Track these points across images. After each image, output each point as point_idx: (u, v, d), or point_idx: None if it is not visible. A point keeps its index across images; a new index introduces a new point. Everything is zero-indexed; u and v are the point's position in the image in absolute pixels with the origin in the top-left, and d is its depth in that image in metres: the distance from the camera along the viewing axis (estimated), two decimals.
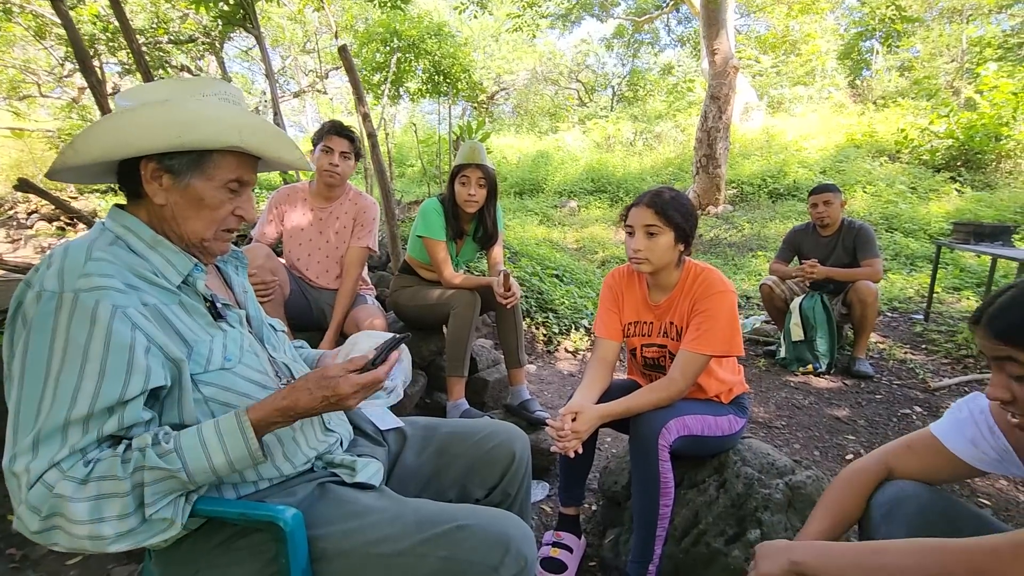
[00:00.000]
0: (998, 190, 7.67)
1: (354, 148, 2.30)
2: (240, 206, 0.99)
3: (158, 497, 0.80)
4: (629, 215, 1.63)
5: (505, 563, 0.91)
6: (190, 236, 0.96)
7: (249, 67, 18.21)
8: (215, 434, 0.84)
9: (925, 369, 3.41)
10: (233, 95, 0.99)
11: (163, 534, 0.81)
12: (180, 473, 0.80)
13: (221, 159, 0.94)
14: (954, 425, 1.06)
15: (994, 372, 0.85)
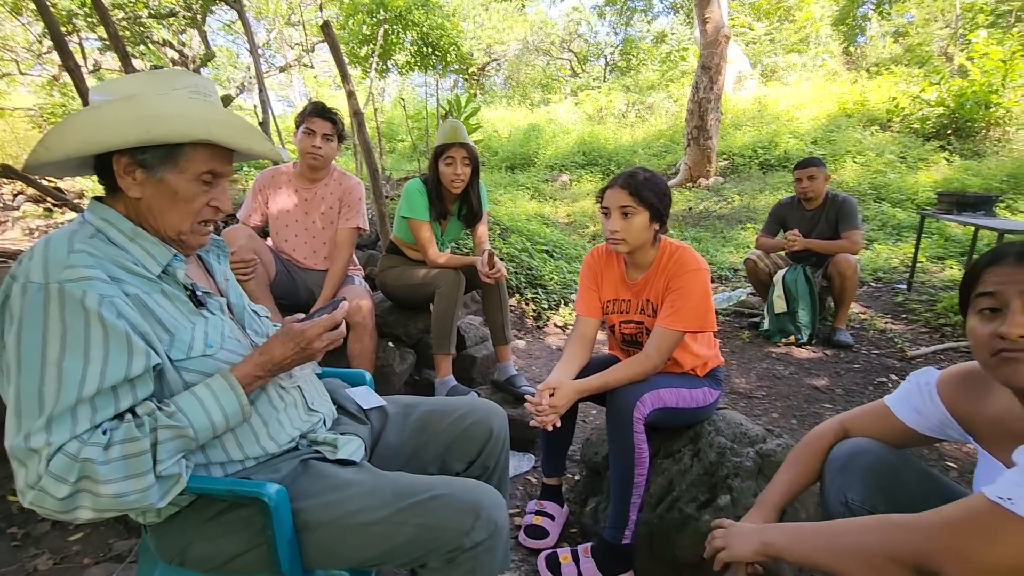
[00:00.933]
0: (986, 158, 7.69)
1: (336, 130, 2.30)
2: (215, 198, 1.02)
3: (168, 454, 0.86)
4: (604, 197, 1.67)
5: (476, 527, 0.98)
6: (167, 230, 0.99)
7: (234, 41, 17.81)
8: (209, 393, 0.92)
9: (903, 338, 3.50)
10: (203, 88, 1.01)
11: (172, 491, 0.88)
12: (188, 430, 0.88)
13: (193, 152, 0.96)
14: (903, 396, 1.14)
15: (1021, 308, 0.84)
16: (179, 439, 0.87)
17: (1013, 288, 0.84)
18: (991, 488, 0.76)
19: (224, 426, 0.94)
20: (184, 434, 0.88)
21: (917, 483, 1.07)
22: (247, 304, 1.19)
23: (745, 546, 1.00)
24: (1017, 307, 0.83)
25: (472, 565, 0.99)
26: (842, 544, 0.86)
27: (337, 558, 1.00)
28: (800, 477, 1.19)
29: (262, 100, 5.89)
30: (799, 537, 0.93)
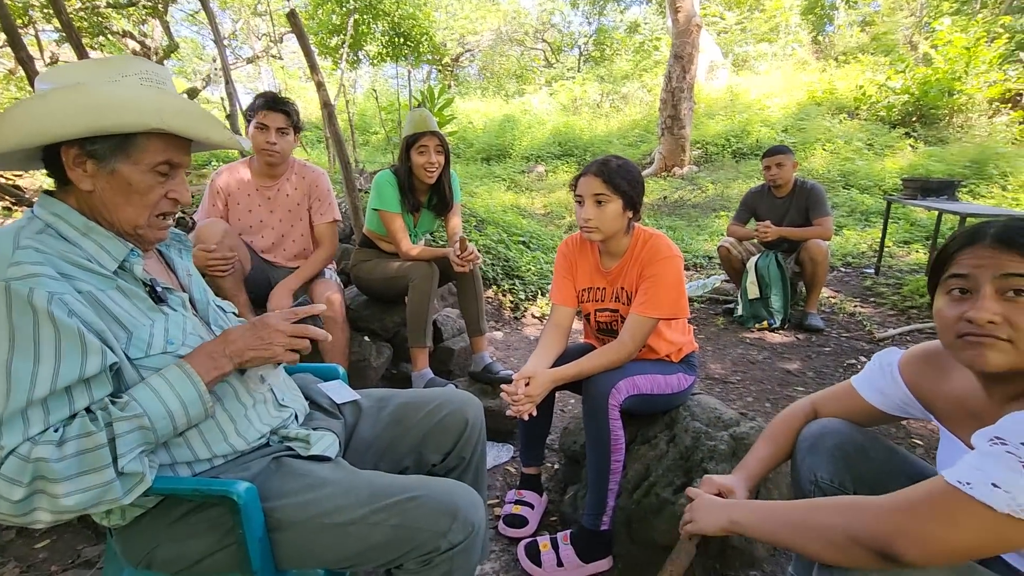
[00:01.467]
0: (949, 145, 7.91)
1: (291, 122, 2.19)
2: (173, 189, 0.98)
3: (129, 448, 0.82)
4: (578, 185, 1.66)
5: (453, 529, 0.97)
6: (123, 223, 0.95)
7: (199, 31, 17.32)
8: (163, 382, 0.89)
9: (872, 321, 3.59)
10: (156, 75, 0.97)
11: (136, 489, 0.84)
12: (144, 419, 0.84)
13: (147, 142, 0.92)
14: (867, 376, 1.17)
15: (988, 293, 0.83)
16: (138, 431, 0.83)
17: (986, 272, 0.83)
18: (951, 472, 0.77)
19: (183, 416, 0.90)
20: (142, 424, 0.84)
21: (883, 460, 1.10)
22: (212, 299, 1.16)
23: (712, 521, 1.02)
24: (988, 292, 0.83)
25: (448, 567, 0.98)
26: (807, 525, 0.87)
27: (311, 558, 0.99)
28: (775, 453, 1.22)
29: (229, 92, 5.74)
30: (765, 516, 0.95)
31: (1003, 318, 0.81)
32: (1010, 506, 0.70)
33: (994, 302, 0.82)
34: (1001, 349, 0.83)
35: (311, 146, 9.89)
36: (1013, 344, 0.82)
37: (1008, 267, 0.81)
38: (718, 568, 1.60)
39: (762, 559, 1.62)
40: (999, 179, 6.56)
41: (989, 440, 0.76)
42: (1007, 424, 0.76)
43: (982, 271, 0.84)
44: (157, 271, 1.07)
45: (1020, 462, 0.71)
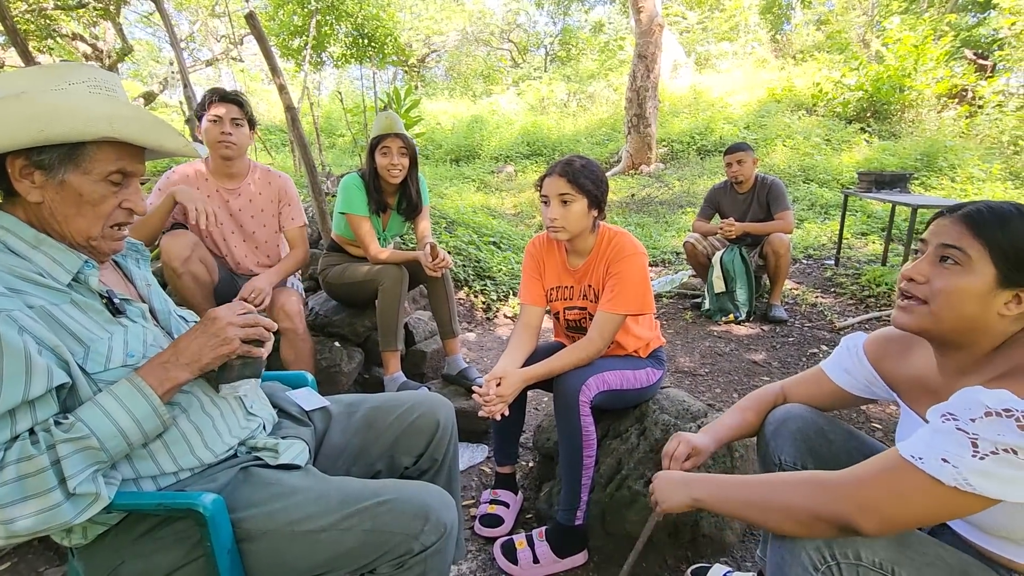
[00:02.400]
0: (901, 139, 8.22)
1: (245, 113, 2.10)
2: (127, 199, 0.95)
3: (78, 470, 0.80)
4: (543, 185, 1.68)
5: (425, 531, 0.97)
6: (75, 235, 0.93)
7: (154, 33, 16.80)
8: (111, 399, 0.85)
9: (832, 311, 3.71)
10: (105, 82, 0.94)
11: (90, 509, 0.82)
12: (91, 439, 0.81)
13: (97, 151, 0.90)
14: (835, 359, 1.22)
15: (928, 256, 0.90)
16: (84, 451, 0.80)
17: (936, 239, 0.90)
18: (904, 446, 0.82)
19: (137, 432, 0.86)
20: (87, 445, 0.81)
21: (842, 442, 1.15)
22: (173, 309, 1.14)
23: (676, 499, 1.05)
24: (929, 254, 0.90)
25: (422, 569, 0.98)
26: (769, 504, 0.90)
27: (283, 567, 0.97)
28: (742, 424, 1.28)
29: (187, 96, 5.58)
30: (727, 494, 0.98)
31: (927, 279, 0.89)
32: (956, 480, 0.75)
33: (927, 264, 0.90)
34: (914, 312, 0.91)
35: (276, 150, 9.71)
36: (928, 305, 0.89)
37: (945, 236, 0.88)
38: (690, 556, 1.64)
39: (732, 545, 1.66)
40: (948, 171, 6.85)
41: (941, 416, 0.80)
42: (957, 401, 0.80)
43: (938, 237, 0.90)
44: (114, 282, 1.04)
45: (968, 438, 0.75)
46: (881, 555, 0.83)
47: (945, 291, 0.87)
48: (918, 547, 0.85)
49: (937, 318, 0.89)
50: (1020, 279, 0.84)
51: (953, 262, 0.87)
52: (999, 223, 0.86)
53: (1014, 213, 0.86)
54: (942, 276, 0.88)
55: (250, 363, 1.03)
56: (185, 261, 1.95)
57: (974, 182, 6.43)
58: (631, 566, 1.30)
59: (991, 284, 0.85)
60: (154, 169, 6.75)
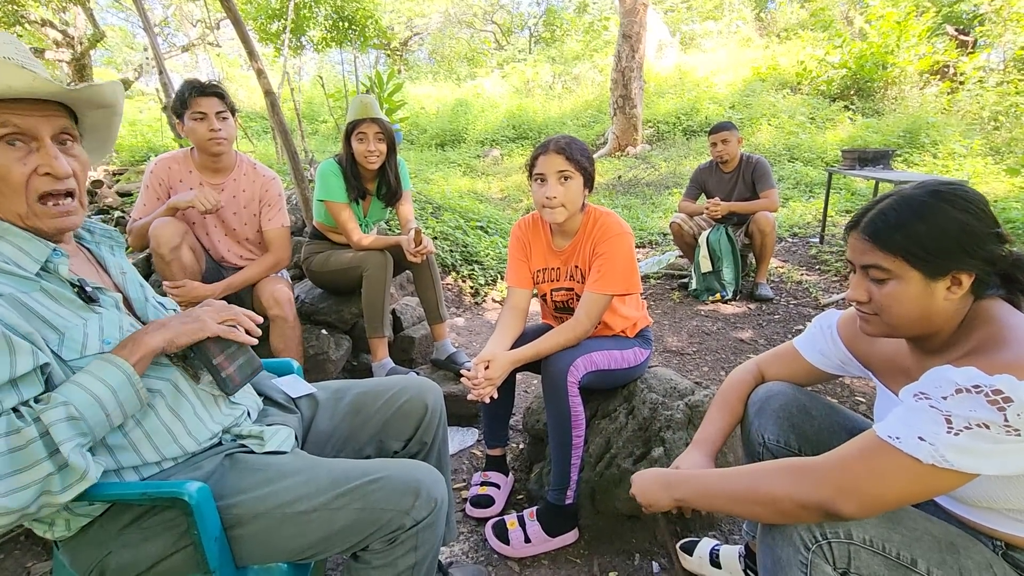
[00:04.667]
0: (885, 116, 8.27)
1: (227, 104, 2.04)
2: (41, 163, 0.87)
3: (67, 437, 0.78)
4: (537, 163, 1.65)
5: (416, 506, 0.97)
6: (10, 217, 0.88)
7: (127, 18, 16.34)
8: (85, 374, 0.84)
9: (817, 288, 3.75)
10: None
11: (77, 486, 0.79)
12: (70, 408, 0.79)
13: None
14: (808, 338, 1.23)
15: (858, 276, 0.95)
16: (69, 421, 0.78)
17: (857, 260, 0.94)
18: (882, 427, 0.83)
19: (113, 400, 0.84)
20: (69, 414, 0.78)
21: (824, 418, 1.17)
22: (150, 297, 1.11)
23: (659, 501, 1.05)
24: (858, 276, 0.95)
25: (414, 543, 0.99)
26: (752, 497, 0.91)
27: (274, 551, 0.97)
28: (730, 420, 1.27)
29: (164, 83, 5.44)
30: (709, 492, 0.98)
31: (868, 296, 0.93)
32: (934, 457, 0.76)
33: (861, 283, 0.95)
34: (871, 322, 0.96)
35: (257, 137, 9.54)
36: (879, 316, 0.93)
37: (868, 258, 0.92)
38: (679, 531, 1.66)
39: (720, 520, 1.69)
40: (930, 147, 6.91)
41: (914, 395, 0.82)
42: (928, 380, 0.81)
43: (855, 257, 0.95)
44: (86, 271, 1.01)
45: (943, 416, 0.77)
46: (871, 532, 0.85)
47: (885, 304, 0.91)
48: (907, 523, 0.87)
49: (892, 324, 0.93)
50: (946, 266, 0.86)
51: (878, 278, 0.91)
52: (898, 228, 0.88)
53: (917, 206, 0.88)
54: (877, 291, 0.92)
55: (244, 365, 1.04)
56: (174, 249, 1.92)
57: (955, 158, 6.49)
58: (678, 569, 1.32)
59: (921, 282, 0.87)
60: (132, 159, 6.61)
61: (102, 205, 4.56)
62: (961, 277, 0.86)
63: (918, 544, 0.85)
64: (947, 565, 0.84)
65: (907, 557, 0.84)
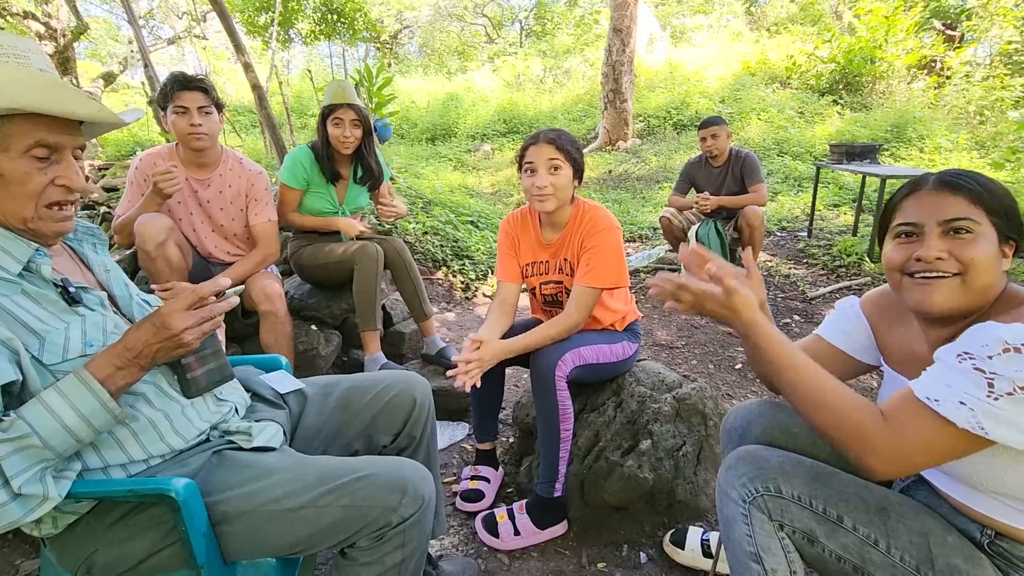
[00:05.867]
0: (873, 110, 8.33)
1: (212, 99, 2.03)
2: (60, 175, 0.90)
3: (20, 469, 0.77)
4: (527, 153, 1.66)
5: (403, 504, 0.98)
6: (9, 218, 0.88)
7: (111, 10, 16.08)
8: (58, 395, 0.81)
9: (805, 281, 3.78)
10: (14, 49, 0.88)
11: (39, 509, 0.79)
12: (32, 438, 0.77)
13: (11, 125, 0.84)
14: (831, 321, 1.19)
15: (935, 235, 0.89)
16: (24, 451, 0.77)
17: (930, 216, 0.90)
18: (920, 385, 0.81)
19: (85, 428, 0.82)
20: (29, 444, 0.77)
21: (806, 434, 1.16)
22: (136, 295, 1.11)
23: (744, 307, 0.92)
24: (934, 232, 0.89)
25: (401, 540, 0.99)
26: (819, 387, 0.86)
27: (261, 546, 0.98)
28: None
29: (149, 76, 5.37)
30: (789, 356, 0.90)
31: (949, 254, 0.88)
32: (970, 423, 0.75)
33: (940, 240, 0.89)
34: (950, 287, 0.88)
35: (245, 132, 9.45)
36: (961, 277, 0.88)
37: (949, 211, 0.88)
38: (666, 522, 1.68)
39: (706, 510, 1.71)
40: (917, 142, 6.97)
41: (957, 356, 0.79)
42: (973, 338, 0.79)
43: (926, 215, 0.90)
44: (69, 270, 1.00)
45: (986, 379, 0.75)
46: (798, 489, 0.94)
47: (976, 260, 0.86)
48: (835, 484, 0.94)
49: (970, 288, 0.87)
50: (1010, 227, 0.88)
51: (966, 232, 0.87)
52: (975, 182, 0.88)
53: (976, 174, 0.90)
54: (966, 247, 0.87)
55: (214, 371, 1.02)
56: (159, 245, 1.90)
57: (941, 152, 6.56)
58: None
59: (995, 242, 0.87)
60: (117, 153, 6.53)
61: (87, 201, 4.51)
62: (1012, 246, 0.87)
63: (845, 503, 0.92)
64: (874, 525, 0.91)
65: (833, 513, 0.92)
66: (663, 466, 1.65)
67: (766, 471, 0.97)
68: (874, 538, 0.90)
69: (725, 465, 1.04)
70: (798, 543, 0.94)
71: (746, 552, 0.96)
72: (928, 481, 1.01)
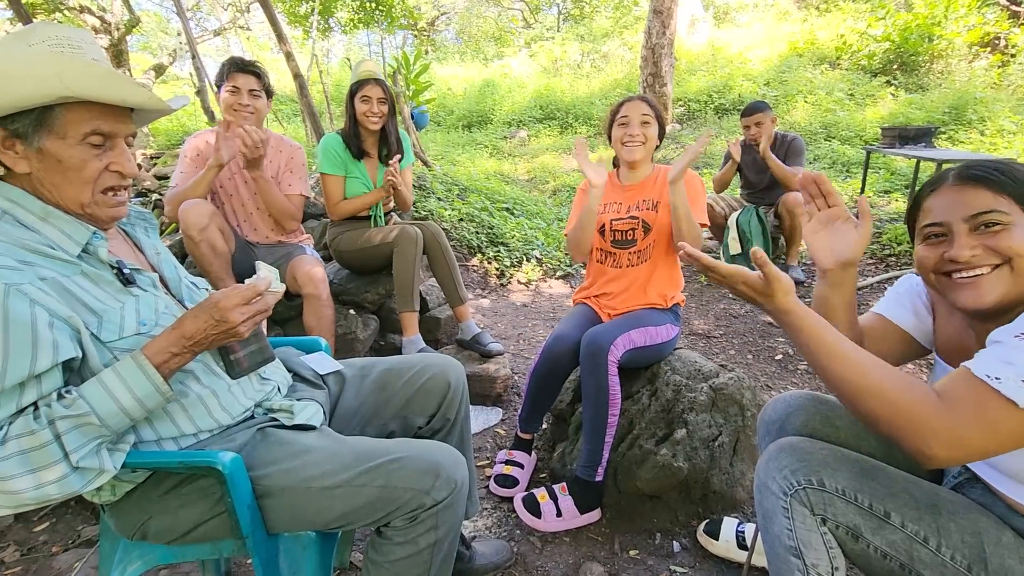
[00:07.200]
0: (929, 92, 7.89)
1: (263, 84, 2.15)
2: (113, 161, 0.94)
3: (79, 444, 0.81)
4: (623, 108, 1.89)
5: (436, 487, 1.00)
6: (68, 203, 0.92)
7: (161, 4, 16.64)
8: (116, 377, 0.85)
9: None
10: (69, 39, 0.91)
11: (96, 480, 0.84)
12: (91, 416, 0.82)
13: (68, 113, 0.88)
14: (896, 300, 1.12)
15: (964, 233, 0.87)
16: (84, 427, 0.82)
17: (956, 214, 0.88)
18: (978, 364, 0.77)
19: (139, 409, 0.86)
20: (87, 422, 0.81)
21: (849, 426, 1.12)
22: (184, 277, 1.15)
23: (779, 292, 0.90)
24: (962, 231, 0.88)
25: (434, 522, 1.01)
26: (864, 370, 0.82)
27: (301, 520, 1.01)
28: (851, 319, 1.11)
29: (196, 67, 5.55)
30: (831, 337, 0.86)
31: (983, 249, 0.85)
32: None
33: (969, 237, 0.87)
34: (997, 278, 0.85)
35: (287, 120, 9.67)
36: (1008, 266, 0.85)
37: (974, 206, 0.86)
38: (700, 512, 1.66)
39: (743, 502, 1.69)
40: (977, 124, 6.58)
41: (1016, 335, 0.76)
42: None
43: (951, 213, 0.88)
44: (123, 252, 1.05)
45: None
46: (843, 483, 0.90)
47: (1016, 247, 0.84)
48: (883, 479, 0.91)
49: (1021, 274, 0.84)
50: None
51: (996, 224, 0.85)
52: (999, 171, 0.86)
53: (998, 161, 0.88)
54: (1000, 239, 0.84)
55: (256, 352, 1.05)
56: (203, 230, 1.98)
57: (1004, 135, 6.17)
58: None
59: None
60: (168, 142, 6.78)
61: (140, 188, 4.71)
62: None
63: (893, 499, 0.89)
64: (924, 522, 0.87)
65: (880, 509, 0.89)
66: (698, 456, 1.63)
67: (809, 463, 0.94)
68: (923, 535, 0.87)
69: (765, 457, 1.01)
70: (841, 538, 0.91)
71: (786, 546, 0.93)
72: (981, 479, 0.96)
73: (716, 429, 1.69)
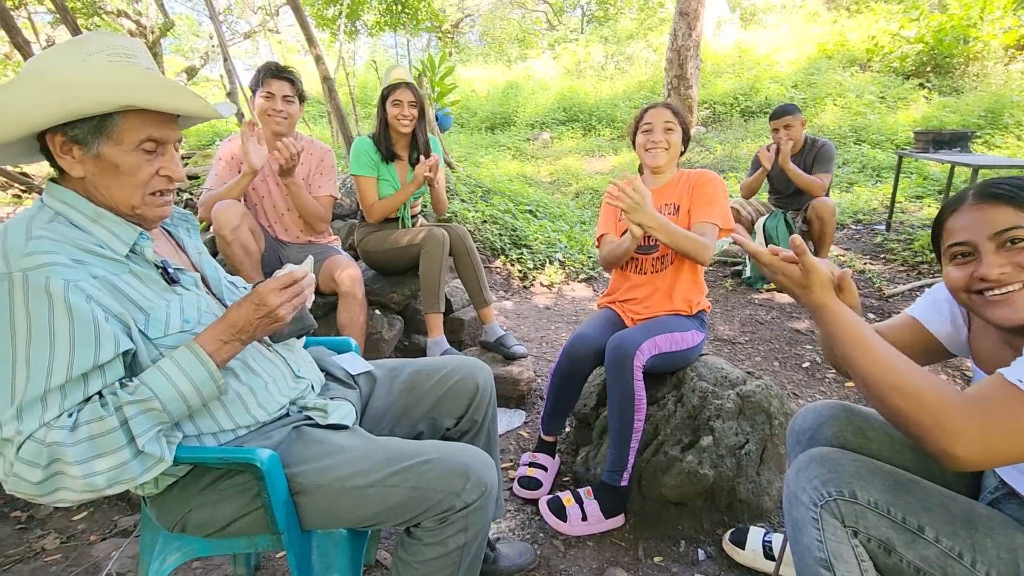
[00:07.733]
0: (964, 95, 7.68)
1: (297, 90, 2.21)
2: (163, 166, 0.98)
3: (145, 429, 0.85)
4: (646, 115, 1.90)
5: (467, 489, 1.01)
6: (119, 205, 0.96)
7: (193, 7, 17.05)
8: (173, 364, 0.90)
9: (881, 278, 3.57)
10: (124, 49, 0.95)
11: (154, 468, 0.88)
12: (154, 402, 0.86)
13: (125, 120, 0.92)
14: (933, 305, 1.10)
15: (991, 251, 0.87)
16: (148, 412, 0.86)
17: (980, 233, 0.87)
18: (1012, 370, 0.77)
19: (195, 395, 0.91)
20: (151, 407, 0.86)
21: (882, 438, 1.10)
22: (223, 276, 1.19)
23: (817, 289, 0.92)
24: (989, 249, 0.87)
25: (463, 524, 1.03)
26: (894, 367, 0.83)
27: (334, 518, 1.04)
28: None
29: (228, 70, 5.67)
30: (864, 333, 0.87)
31: (1012, 266, 0.85)
32: None
33: (996, 255, 0.87)
34: (1016, 299, 0.86)
35: (314, 122, 9.82)
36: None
37: (998, 223, 0.86)
38: (726, 521, 1.65)
39: (769, 511, 1.67)
40: (1015, 128, 6.39)
41: None
42: None
43: (976, 232, 0.88)
44: (168, 252, 1.09)
45: None
46: (875, 495, 0.89)
47: None
48: (917, 492, 0.90)
49: None
50: None
51: (1022, 240, 0.85)
52: (1020, 188, 0.86)
53: (1016, 178, 0.87)
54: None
55: (296, 319, 1.11)
56: (235, 229, 2.03)
57: None
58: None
59: None
60: (199, 143, 6.94)
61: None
62: None
63: (927, 513, 0.87)
64: (959, 537, 0.85)
65: (913, 523, 0.87)
66: (724, 463, 1.62)
67: (840, 475, 0.93)
68: (958, 551, 0.85)
69: (795, 467, 1.00)
70: (873, 552, 0.90)
71: (816, 558, 0.93)
72: (1020, 494, 0.94)
73: (743, 437, 1.67)
